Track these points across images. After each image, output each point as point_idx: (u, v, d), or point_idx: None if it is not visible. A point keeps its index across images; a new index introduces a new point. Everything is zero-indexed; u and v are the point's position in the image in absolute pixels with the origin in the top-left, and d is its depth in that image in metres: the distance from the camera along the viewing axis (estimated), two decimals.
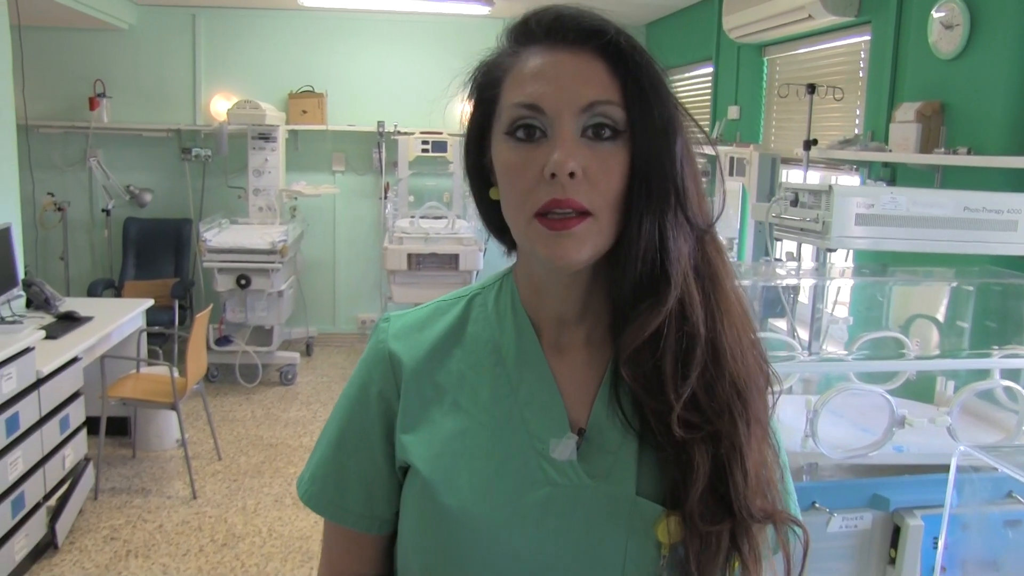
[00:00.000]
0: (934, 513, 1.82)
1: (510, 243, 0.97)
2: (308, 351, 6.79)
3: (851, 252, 3.44)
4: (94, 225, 6.78)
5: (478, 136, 0.92)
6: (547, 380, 0.93)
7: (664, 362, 0.86)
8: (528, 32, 0.88)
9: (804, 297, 3.07)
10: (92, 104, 6.49)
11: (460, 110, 0.95)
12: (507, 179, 0.87)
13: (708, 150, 0.94)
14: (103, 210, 6.55)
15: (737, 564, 0.86)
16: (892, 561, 1.91)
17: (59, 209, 6.51)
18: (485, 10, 6.08)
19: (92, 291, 6.06)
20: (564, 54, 0.85)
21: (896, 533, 1.89)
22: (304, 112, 6.68)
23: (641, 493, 0.88)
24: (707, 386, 0.86)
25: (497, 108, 0.88)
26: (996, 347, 2.16)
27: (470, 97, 0.93)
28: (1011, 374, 2.06)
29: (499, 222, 0.93)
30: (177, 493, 4.29)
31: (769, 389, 0.92)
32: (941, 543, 1.56)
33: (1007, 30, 2.93)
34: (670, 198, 0.85)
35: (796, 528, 0.90)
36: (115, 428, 4.76)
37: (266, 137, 6.34)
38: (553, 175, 0.82)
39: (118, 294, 6.17)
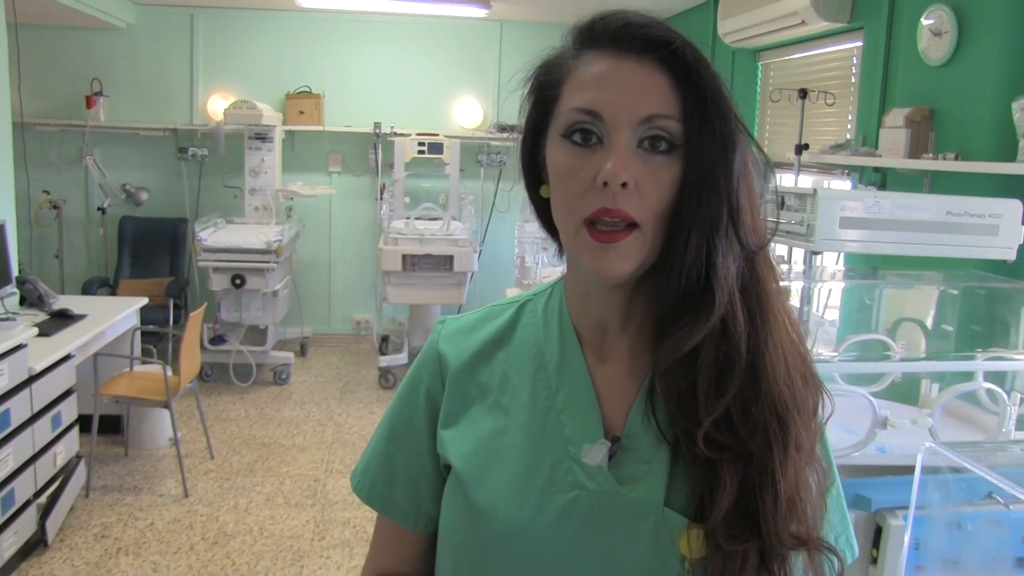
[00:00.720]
0: (916, 514, 1.84)
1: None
2: (303, 351, 6.80)
3: (842, 255, 3.47)
4: (90, 223, 6.79)
5: (534, 134, 0.93)
6: (585, 386, 0.94)
7: (699, 380, 0.85)
8: (593, 35, 0.88)
9: (795, 301, 3.09)
10: (89, 103, 6.50)
11: (519, 107, 0.95)
12: (559, 181, 0.87)
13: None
14: (99, 208, 6.56)
15: None
16: (874, 561, 1.93)
17: (55, 207, 6.53)
18: (482, 12, 6.10)
19: (87, 289, 6.07)
20: (628, 62, 0.85)
21: (878, 533, 1.91)
22: (301, 113, 6.69)
23: (670, 504, 0.87)
24: (743, 407, 0.85)
25: (556, 109, 0.88)
26: (980, 350, 2.18)
27: (529, 95, 0.93)
28: (994, 377, 2.08)
29: (551, 220, 0.93)
30: (169, 491, 4.29)
31: (818, 413, 0.90)
32: (907, 538, 1.58)
33: (994, 38, 2.96)
34: (722, 214, 0.84)
35: (832, 557, 0.88)
36: (108, 426, 4.77)
37: (263, 137, 6.35)
38: (605, 184, 0.82)
39: (113, 292, 6.18)
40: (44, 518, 3.61)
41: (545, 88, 0.90)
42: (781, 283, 0.92)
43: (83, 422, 4.08)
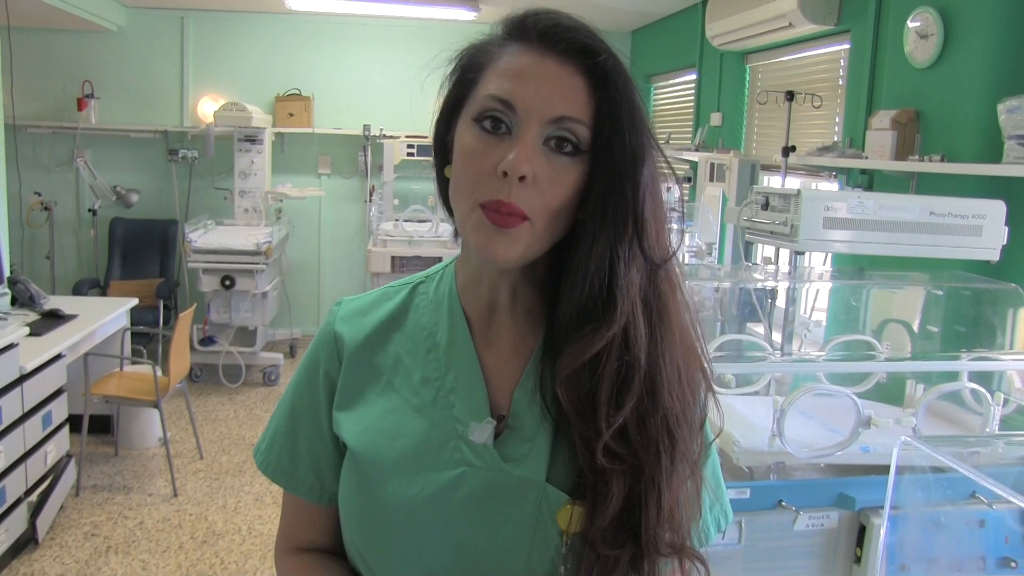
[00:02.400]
0: (899, 513, 1.85)
1: None
2: (292, 352, 6.80)
3: (829, 256, 3.49)
4: (80, 225, 6.78)
5: (449, 113, 0.94)
6: (473, 367, 0.96)
7: (600, 388, 0.87)
8: (523, 29, 0.90)
9: (781, 301, 3.11)
10: (80, 105, 6.51)
11: (439, 88, 0.97)
12: (463, 163, 0.88)
13: (689, 155, 0.94)
14: (90, 210, 6.56)
15: None
16: (858, 560, 1.95)
17: (46, 208, 6.53)
18: (471, 15, 6.12)
19: (78, 290, 6.08)
20: (550, 62, 0.86)
21: (862, 532, 1.93)
22: (291, 115, 6.70)
23: (551, 481, 0.90)
24: (639, 419, 0.88)
25: (473, 92, 0.90)
26: (964, 351, 2.20)
27: (452, 74, 0.94)
28: (979, 378, 2.10)
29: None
30: (158, 491, 4.29)
31: (703, 427, 0.94)
32: (883, 531, 1.60)
33: (979, 40, 2.98)
34: (628, 225, 0.87)
35: (699, 565, 0.92)
36: (98, 426, 4.77)
37: (252, 139, 6.36)
38: (505, 174, 0.84)
39: (103, 293, 6.17)
40: (35, 516, 3.61)
41: (467, 71, 0.92)
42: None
43: (73, 422, 4.08)
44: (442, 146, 0.96)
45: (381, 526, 0.94)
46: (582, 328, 0.88)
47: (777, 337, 2.57)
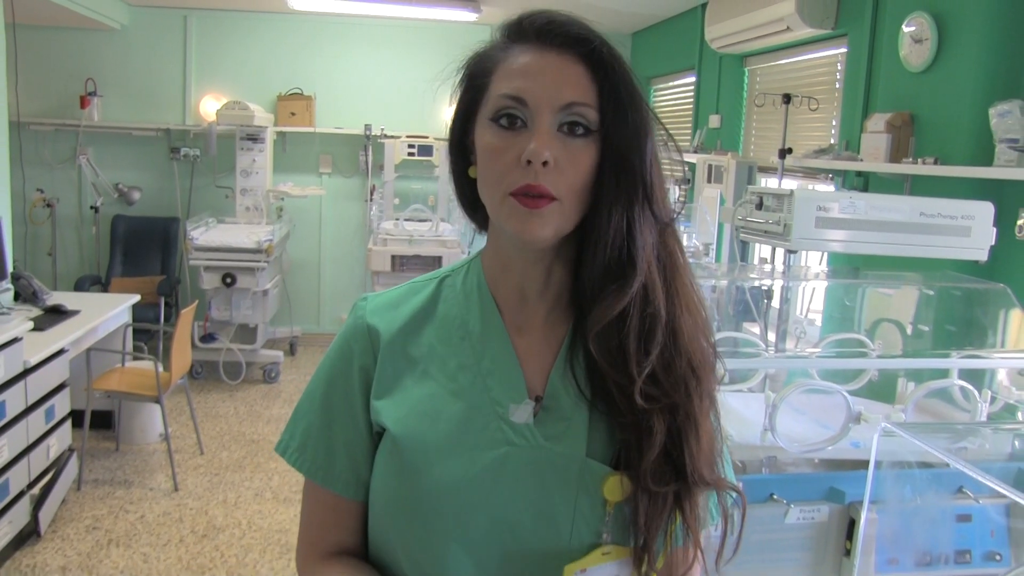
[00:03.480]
0: (888, 507, 1.89)
1: (480, 221, 1.07)
2: (292, 350, 6.84)
3: (825, 256, 3.54)
4: (82, 222, 6.83)
5: (464, 118, 1.00)
6: (508, 352, 1.02)
7: (628, 340, 0.95)
8: (521, 31, 0.97)
9: (777, 301, 3.15)
10: (83, 103, 6.55)
11: (451, 96, 1.02)
12: (487, 160, 0.95)
13: (687, 156, 1.01)
14: (92, 207, 6.60)
15: (678, 522, 0.96)
16: (848, 552, 1.99)
17: (48, 205, 6.57)
18: (472, 16, 6.16)
19: (79, 287, 6.11)
20: (551, 55, 0.94)
21: (852, 525, 1.96)
22: (292, 114, 6.74)
23: (590, 455, 0.97)
24: (666, 363, 0.96)
25: (485, 95, 0.96)
26: (955, 350, 2.24)
27: (462, 83, 1.01)
28: (968, 375, 2.14)
29: (472, 199, 1.03)
30: (159, 485, 4.34)
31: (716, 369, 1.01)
32: (863, 518, 1.63)
33: (972, 44, 3.03)
34: (638, 192, 0.94)
35: (734, 494, 1.01)
36: (99, 422, 4.81)
37: (254, 138, 6.40)
38: (529, 162, 0.91)
39: (105, 290, 6.21)
40: (37, 509, 3.65)
41: (476, 77, 0.99)
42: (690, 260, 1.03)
43: (75, 417, 4.12)
44: (460, 149, 1.03)
45: (427, 507, 0.98)
46: (606, 288, 0.95)
47: (773, 337, 2.61)
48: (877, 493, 1.94)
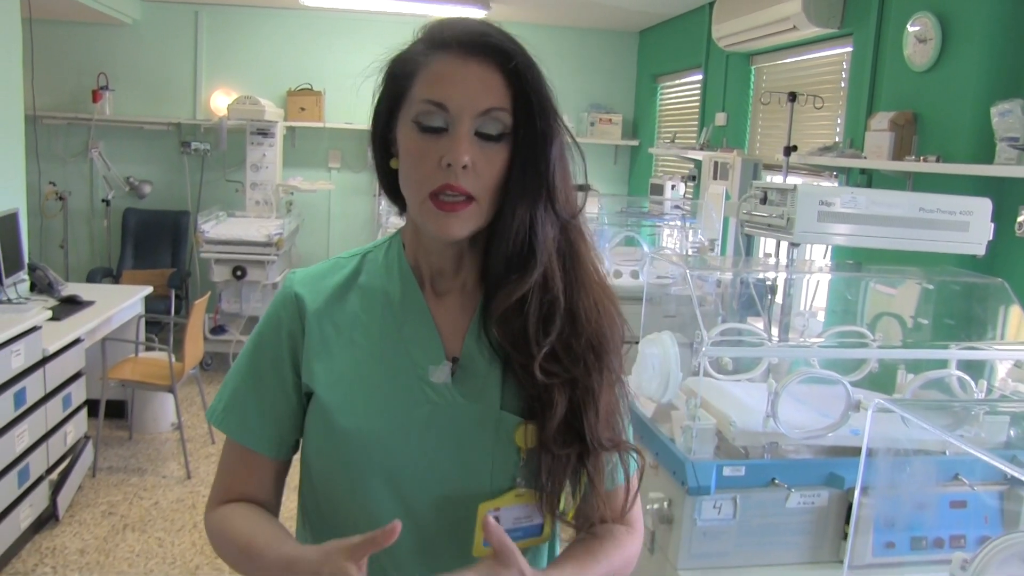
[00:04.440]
0: (886, 493, 1.95)
1: (401, 205, 1.14)
2: None
3: (829, 250, 3.60)
4: (94, 215, 6.91)
5: (386, 115, 1.08)
6: (426, 319, 1.12)
7: (528, 323, 1.06)
8: (443, 39, 1.04)
9: (780, 297, 3.22)
10: (95, 96, 6.62)
11: (374, 92, 1.11)
12: (409, 161, 1.04)
13: (693, 153, 1.08)
14: (103, 200, 6.69)
15: (583, 478, 1.07)
16: (846, 536, 2.05)
17: (60, 198, 6.66)
18: (481, 13, 6.22)
19: (91, 279, 6.21)
20: (472, 64, 1.01)
21: (850, 510, 2.03)
22: (302, 109, 6.81)
23: (504, 407, 1.09)
24: (565, 343, 1.06)
25: (407, 96, 1.04)
26: (953, 342, 2.30)
27: (384, 81, 1.09)
28: (965, 367, 2.21)
29: (394, 186, 1.11)
30: (172, 473, 4.42)
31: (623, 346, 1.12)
32: (857, 494, 1.69)
33: (975, 45, 3.09)
34: (541, 192, 1.04)
35: (635, 455, 1.13)
36: (113, 411, 4.89)
37: (265, 133, 6.47)
38: (449, 164, 1.00)
39: (116, 282, 6.29)
40: (55, 494, 3.74)
41: (398, 79, 1.07)
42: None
43: (89, 406, 4.20)
44: (383, 142, 1.11)
45: (357, 463, 1.08)
46: (508, 277, 1.06)
47: (775, 331, 2.68)
48: (873, 479, 2.00)
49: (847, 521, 2.05)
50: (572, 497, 1.09)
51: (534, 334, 1.05)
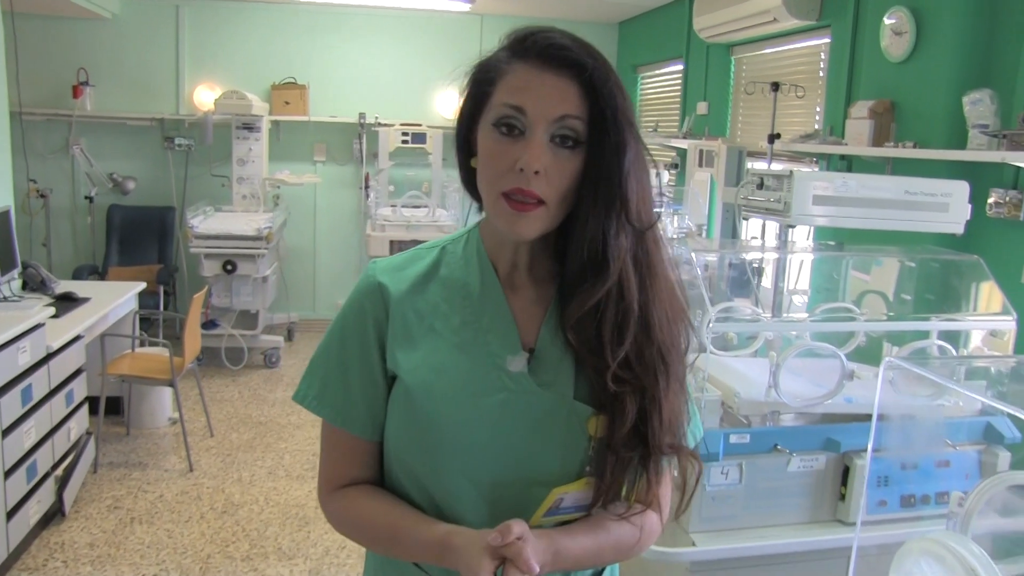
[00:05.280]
0: (879, 456, 2.10)
1: (481, 200, 1.19)
2: (290, 336, 6.99)
3: (812, 232, 3.75)
4: (76, 212, 6.91)
5: (469, 118, 1.15)
6: (504, 310, 1.18)
7: (603, 330, 1.10)
8: (525, 49, 1.10)
9: (767, 279, 3.36)
10: (76, 92, 6.61)
11: (458, 95, 1.17)
12: (486, 161, 1.10)
13: (676, 142, 1.17)
14: (86, 197, 6.69)
15: (643, 476, 1.13)
16: (842, 497, 2.20)
17: (42, 196, 6.63)
18: (465, 7, 6.33)
19: (77, 276, 6.18)
20: (549, 74, 1.07)
21: (846, 472, 2.18)
22: (287, 103, 6.87)
23: (577, 397, 1.15)
24: (638, 351, 1.11)
25: (489, 101, 1.11)
26: (934, 315, 2.46)
27: (467, 86, 1.15)
28: (945, 338, 2.37)
29: (473, 183, 1.17)
30: (173, 467, 4.49)
31: (687, 354, 1.18)
32: (870, 451, 1.82)
33: (948, 37, 3.25)
34: (615, 203, 1.08)
35: (693, 461, 1.18)
36: (108, 408, 4.91)
37: (251, 127, 6.53)
38: (522, 169, 1.06)
39: (103, 280, 6.30)
40: (61, 489, 3.80)
41: (481, 84, 1.12)
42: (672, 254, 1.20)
43: (89, 403, 4.25)
44: (465, 143, 1.17)
45: (436, 446, 1.14)
46: (583, 283, 1.11)
47: (762, 311, 2.82)
48: (867, 442, 2.14)
49: (843, 483, 2.19)
50: (628, 492, 1.14)
51: (609, 341, 1.10)
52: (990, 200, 3.07)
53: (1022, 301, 2.52)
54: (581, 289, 1.10)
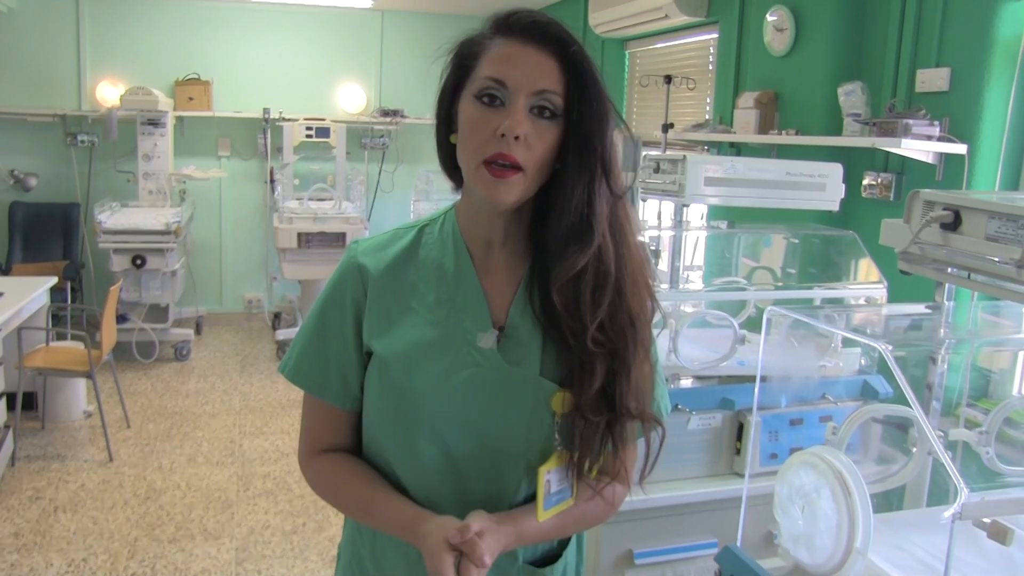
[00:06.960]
0: (768, 413, 2.34)
1: (456, 180, 1.26)
2: (198, 329, 6.99)
3: (705, 212, 4.03)
4: None
5: (451, 92, 1.19)
6: (477, 290, 1.24)
7: (583, 293, 1.15)
8: (508, 25, 1.15)
9: (663, 262, 3.61)
10: None
11: (441, 74, 1.22)
12: (468, 130, 1.14)
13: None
14: None
15: (609, 443, 1.19)
16: (738, 451, 2.44)
17: None
18: (367, 3, 6.43)
19: None
20: (531, 49, 1.13)
21: (740, 429, 2.42)
22: (191, 99, 6.85)
23: (543, 374, 1.20)
24: (611, 315, 1.15)
25: (472, 75, 1.15)
26: (816, 285, 2.74)
27: (452, 62, 1.19)
28: (828, 305, 2.64)
29: (452, 163, 1.22)
30: (92, 457, 4.52)
31: (654, 321, 1.24)
32: (755, 405, 2.05)
33: (824, 34, 3.57)
34: (598, 169, 1.14)
35: (657, 426, 1.23)
36: (23, 403, 4.89)
37: (156, 123, 6.51)
38: (503, 135, 1.10)
39: (6, 276, 6.21)
40: None
41: (465, 59, 1.17)
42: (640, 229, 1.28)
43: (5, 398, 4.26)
44: (446, 118, 1.21)
45: (408, 416, 1.21)
46: (568, 249, 1.15)
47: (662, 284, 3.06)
48: (759, 400, 2.39)
49: (738, 438, 2.43)
50: (595, 459, 1.18)
51: (588, 303, 1.14)
52: (865, 182, 3.39)
53: (893, 272, 2.83)
54: (566, 254, 1.14)
